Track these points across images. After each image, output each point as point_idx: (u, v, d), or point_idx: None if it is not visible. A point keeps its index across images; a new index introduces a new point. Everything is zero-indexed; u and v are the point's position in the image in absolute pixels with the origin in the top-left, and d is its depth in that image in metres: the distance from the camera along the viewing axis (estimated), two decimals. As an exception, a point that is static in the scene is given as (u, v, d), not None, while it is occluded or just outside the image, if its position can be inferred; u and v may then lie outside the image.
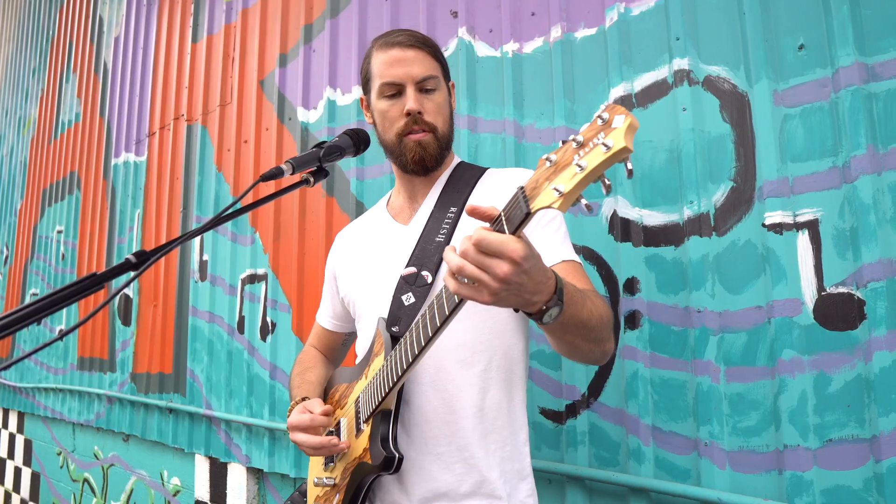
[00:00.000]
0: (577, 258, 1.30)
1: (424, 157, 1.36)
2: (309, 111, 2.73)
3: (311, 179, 1.24)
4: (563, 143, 0.79)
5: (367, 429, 1.29)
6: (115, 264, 0.99)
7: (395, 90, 1.36)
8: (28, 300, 4.90)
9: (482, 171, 1.44)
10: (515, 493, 1.29)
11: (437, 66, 1.39)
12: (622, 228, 1.68)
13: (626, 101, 1.71)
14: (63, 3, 5.23)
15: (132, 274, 0.97)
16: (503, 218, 0.87)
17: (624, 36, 1.75)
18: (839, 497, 1.33)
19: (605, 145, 0.73)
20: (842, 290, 1.36)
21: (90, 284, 0.94)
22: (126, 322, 3.76)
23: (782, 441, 1.39)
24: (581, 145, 0.76)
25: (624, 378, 1.63)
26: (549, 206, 0.78)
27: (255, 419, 2.70)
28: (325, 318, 1.66)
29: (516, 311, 0.96)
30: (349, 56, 2.57)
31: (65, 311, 4.44)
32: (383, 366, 1.25)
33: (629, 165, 0.74)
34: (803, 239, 1.42)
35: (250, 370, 2.79)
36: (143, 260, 0.99)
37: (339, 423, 1.41)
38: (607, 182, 0.77)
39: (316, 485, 1.43)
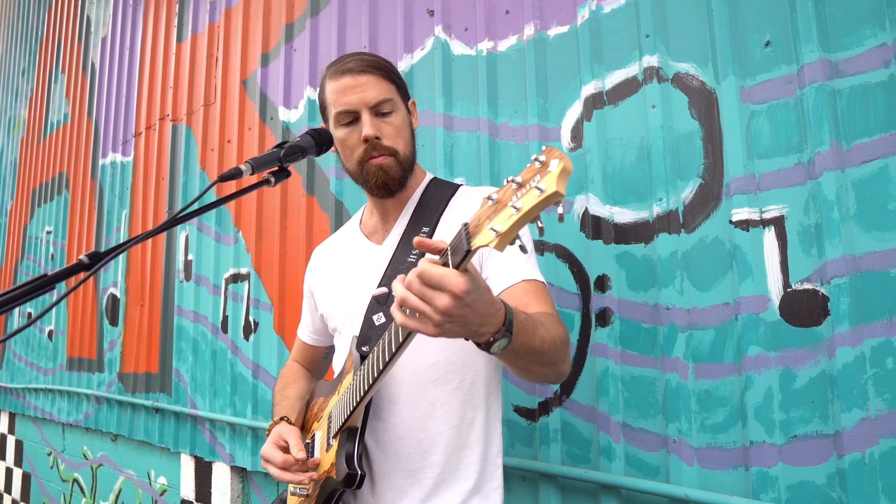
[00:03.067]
0: (538, 277, 1.29)
1: (387, 180, 1.35)
2: (290, 110, 2.73)
3: (273, 179, 1.24)
4: (507, 181, 0.80)
5: (335, 444, 1.30)
6: (69, 265, 0.99)
7: (350, 118, 1.34)
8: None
9: (454, 189, 1.43)
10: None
11: (392, 87, 1.37)
12: (593, 226, 1.68)
13: (598, 99, 1.72)
14: (51, 3, 5.22)
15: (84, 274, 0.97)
16: (449, 251, 0.88)
17: (595, 34, 1.75)
18: (803, 492, 1.33)
19: (539, 189, 0.74)
20: (807, 286, 1.37)
21: (41, 285, 0.94)
22: (113, 322, 3.76)
23: (748, 437, 1.40)
24: (520, 186, 0.77)
25: (595, 375, 1.64)
26: (486, 245, 0.79)
27: (238, 418, 2.70)
28: (306, 333, 1.68)
29: (466, 339, 0.97)
30: (329, 55, 2.57)
31: (53, 310, 4.44)
32: (352, 383, 1.27)
33: (559, 210, 0.75)
34: (769, 235, 1.42)
35: (234, 369, 2.79)
36: (95, 261, 0.99)
37: (314, 436, 1.43)
38: (540, 225, 0.77)
39: (292, 494, 1.45)
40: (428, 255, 0.94)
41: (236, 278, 2.87)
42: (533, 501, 1.74)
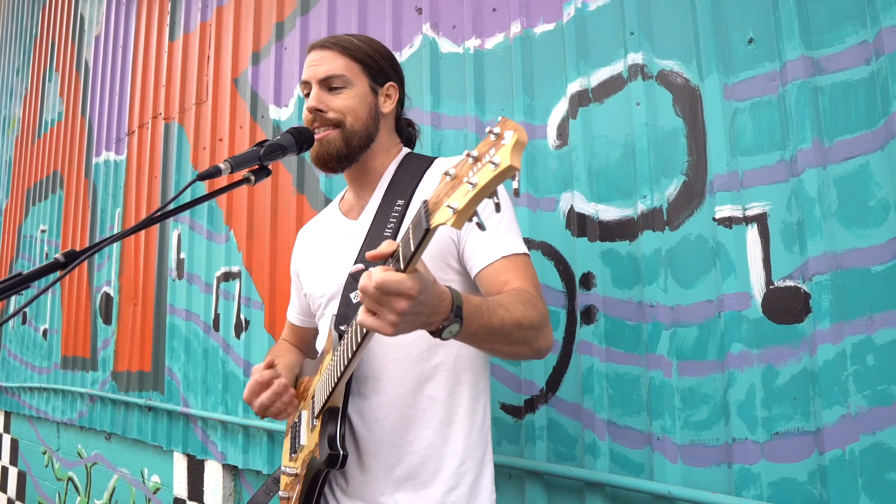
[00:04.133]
0: (519, 249, 1.27)
1: (322, 154, 1.36)
2: (280, 109, 2.73)
3: (253, 178, 1.23)
4: (465, 154, 0.78)
5: (318, 424, 1.30)
6: (42, 264, 0.99)
7: (307, 89, 1.39)
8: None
9: (430, 161, 1.43)
10: (479, 482, 1.30)
11: (354, 65, 1.38)
12: (578, 223, 1.68)
13: (583, 97, 1.71)
14: (45, 2, 5.21)
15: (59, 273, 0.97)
16: (400, 253, 0.89)
17: (581, 31, 1.74)
18: (785, 489, 1.33)
19: (493, 163, 0.71)
20: (789, 283, 1.37)
21: (15, 284, 0.94)
22: (107, 321, 3.76)
23: (731, 435, 1.40)
24: (476, 160, 0.74)
25: (580, 373, 1.64)
26: (444, 224, 0.77)
27: (230, 416, 2.70)
28: (294, 314, 1.69)
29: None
30: (319, 53, 2.56)
31: (48, 310, 4.45)
32: (331, 363, 1.26)
33: (515, 185, 0.71)
34: (752, 233, 1.42)
35: (225, 367, 2.80)
36: (71, 259, 0.99)
37: (300, 416, 1.43)
38: (496, 201, 0.74)
39: (283, 473, 1.45)
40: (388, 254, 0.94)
41: (228, 277, 2.87)
42: (519, 499, 1.74)
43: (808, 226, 1.34)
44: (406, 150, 1.49)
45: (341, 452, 1.23)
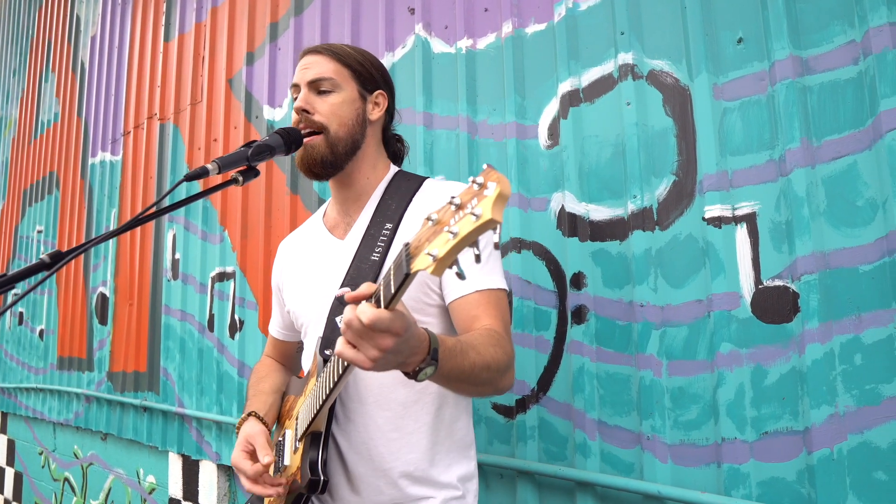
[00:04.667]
0: (495, 285, 1.27)
1: (307, 160, 1.35)
2: (275, 109, 2.73)
3: (241, 178, 1.23)
4: (448, 201, 0.77)
5: (300, 447, 1.30)
6: (30, 264, 0.99)
7: (297, 93, 1.39)
8: (10, 301, 4.90)
9: (419, 182, 1.41)
10: (464, 499, 1.31)
11: (344, 70, 1.38)
12: (569, 223, 1.68)
13: (574, 97, 1.72)
14: (42, 3, 5.21)
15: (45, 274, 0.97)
16: (381, 293, 0.88)
17: (572, 31, 1.75)
18: (774, 489, 1.34)
19: (475, 214, 0.70)
20: (778, 283, 1.37)
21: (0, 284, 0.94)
22: (103, 321, 3.76)
23: (720, 434, 1.40)
24: (458, 208, 0.74)
25: (571, 373, 1.64)
26: (424, 270, 0.76)
27: (224, 416, 2.70)
28: (276, 329, 1.67)
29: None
30: (313, 53, 2.57)
31: (45, 310, 4.44)
32: (315, 387, 1.26)
33: (496, 238, 0.71)
34: (741, 232, 1.43)
35: (220, 368, 2.80)
36: (56, 260, 0.99)
37: (285, 435, 1.42)
38: (476, 252, 0.73)
39: None
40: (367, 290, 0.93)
41: (222, 277, 2.87)
42: (510, 499, 1.74)
43: (797, 225, 1.34)
44: (395, 168, 1.48)
45: (322, 478, 1.23)
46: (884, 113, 1.25)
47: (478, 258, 0.73)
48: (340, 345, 0.93)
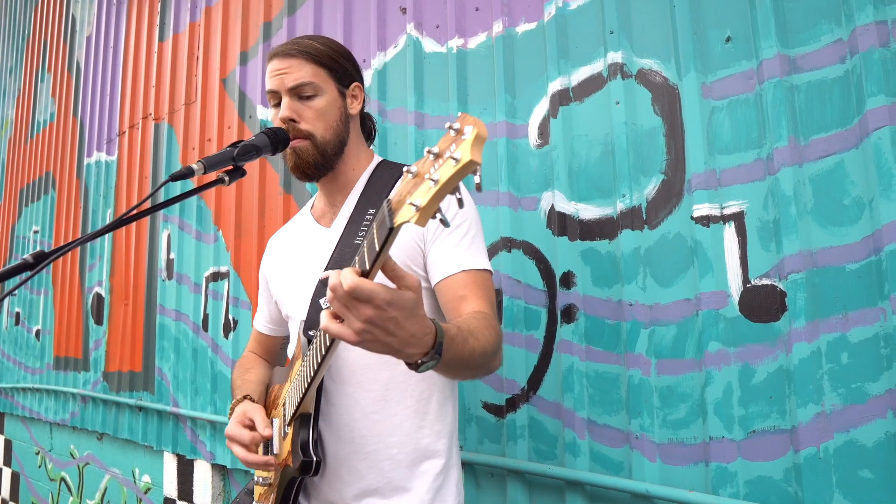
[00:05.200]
0: (481, 265, 1.27)
1: (300, 164, 1.36)
2: (268, 109, 2.72)
3: (227, 178, 1.23)
4: (426, 151, 0.77)
5: (290, 432, 1.30)
6: (12, 264, 0.99)
7: (276, 99, 1.38)
8: (5, 300, 4.90)
9: (402, 168, 1.42)
10: (446, 486, 1.30)
11: (320, 71, 1.37)
12: (559, 223, 1.68)
13: (564, 96, 1.72)
14: (38, 3, 5.21)
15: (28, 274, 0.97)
16: (364, 252, 0.86)
17: (561, 30, 1.74)
18: (761, 488, 1.34)
19: (454, 158, 0.70)
20: (765, 281, 1.37)
21: (-18, 286, 0.94)
22: (98, 321, 3.76)
23: (708, 433, 1.40)
24: (437, 156, 0.74)
25: (560, 372, 1.64)
26: (408, 221, 0.76)
27: (218, 416, 2.70)
28: (262, 323, 1.67)
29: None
30: (306, 53, 2.56)
31: (41, 310, 4.44)
32: (301, 369, 1.26)
33: (477, 179, 0.71)
34: (729, 231, 1.43)
35: (214, 367, 2.80)
36: (39, 260, 1.00)
37: (272, 423, 1.42)
38: (458, 196, 0.73)
39: (257, 483, 1.45)
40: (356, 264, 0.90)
41: (216, 276, 2.87)
42: (501, 498, 1.74)
43: (784, 224, 1.34)
44: (379, 158, 1.49)
45: (314, 458, 1.23)
46: (870, 112, 1.25)
47: (460, 202, 0.73)
48: (325, 318, 0.89)
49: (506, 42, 1.87)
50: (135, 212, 1.09)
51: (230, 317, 2.75)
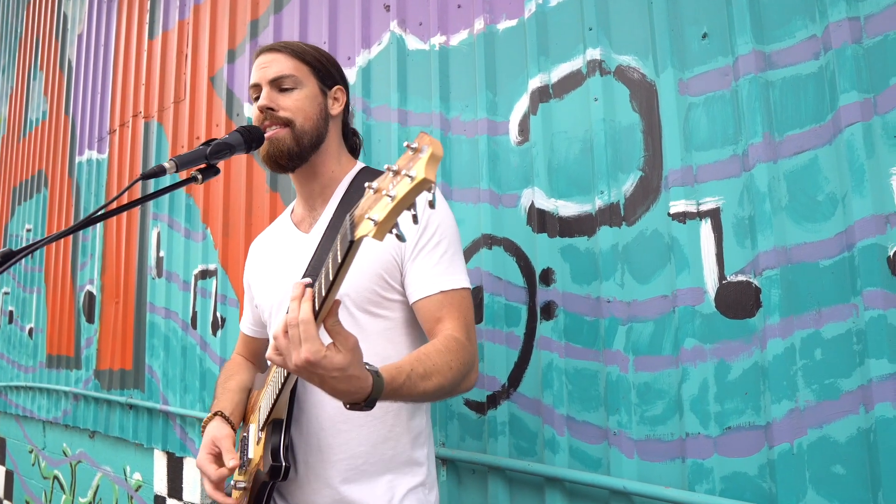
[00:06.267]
0: (459, 284, 1.29)
1: (275, 153, 1.36)
2: (253, 105, 2.72)
3: (200, 177, 1.23)
4: (385, 168, 0.80)
5: (263, 437, 1.30)
6: (-21, 265, 0.99)
7: (257, 92, 1.40)
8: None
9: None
10: (412, 495, 1.31)
11: (303, 67, 1.39)
12: (539, 219, 1.68)
13: (544, 93, 1.72)
14: (30, 0, 5.20)
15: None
16: (329, 265, 0.92)
17: (542, 27, 1.74)
18: (736, 483, 1.34)
19: (410, 176, 0.74)
20: (741, 278, 1.37)
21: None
22: (90, 319, 3.76)
23: (685, 430, 1.40)
24: (395, 173, 0.77)
25: (540, 369, 1.64)
26: (366, 235, 0.79)
27: (207, 413, 2.70)
28: (247, 326, 1.68)
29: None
30: (292, 50, 2.56)
31: (34, 308, 4.45)
32: (274, 376, 1.27)
33: (429, 197, 0.75)
34: (706, 228, 1.43)
35: (203, 365, 2.80)
36: (6, 260, 1.00)
37: (249, 430, 1.43)
38: (413, 213, 0.77)
39: (234, 488, 1.46)
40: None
41: (205, 274, 2.87)
42: (482, 494, 1.75)
43: (759, 220, 1.34)
44: (361, 164, 1.49)
45: (283, 464, 1.24)
46: (843, 108, 1.25)
47: (415, 219, 0.77)
48: (270, 349, 1.00)
49: (487, 39, 1.87)
50: (102, 211, 1.09)
51: (218, 314, 2.75)
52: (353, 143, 1.54)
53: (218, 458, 1.32)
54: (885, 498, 1.15)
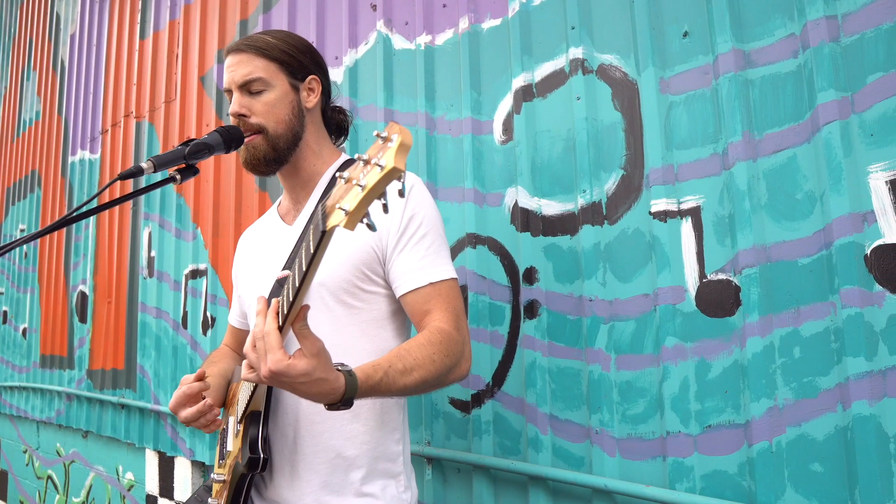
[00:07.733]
0: (446, 275, 1.28)
1: (250, 159, 1.36)
2: (244, 106, 2.73)
3: (179, 177, 1.24)
4: (356, 157, 0.80)
5: (241, 429, 1.30)
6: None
7: (230, 96, 1.39)
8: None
9: None
10: (387, 491, 1.30)
11: (271, 65, 1.36)
12: (522, 218, 1.68)
13: (527, 92, 1.72)
14: (23, 1, 5.20)
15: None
16: (302, 256, 0.94)
17: (525, 26, 1.74)
18: (716, 481, 1.34)
19: (380, 165, 0.74)
20: (721, 276, 1.37)
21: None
22: (83, 319, 3.77)
23: (666, 428, 1.41)
24: (366, 163, 0.77)
25: (524, 367, 1.64)
26: (337, 225, 0.79)
27: (197, 414, 2.70)
28: (234, 317, 1.68)
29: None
30: (280, 50, 2.56)
31: (28, 309, 4.45)
32: None
33: (399, 186, 0.75)
34: (686, 226, 1.43)
35: (193, 365, 2.80)
36: (-21, 261, 1.00)
37: (228, 421, 1.43)
38: (384, 202, 0.77)
39: (214, 481, 1.45)
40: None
41: (195, 274, 2.88)
42: (467, 493, 1.75)
43: (739, 219, 1.34)
44: (345, 156, 1.49)
45: (261, 456, 1.24)
46: (821, 106, 1.25)
47: (385, 208, 0.77)
48: (244, 367, 1.05)
49: (472, 38, 1.87)
50: (76, 213, 1.09)
51: (208, 314, 2.75)
52: (338, 122, 1.53)
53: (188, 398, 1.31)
54: (862, 495, 1.15)
